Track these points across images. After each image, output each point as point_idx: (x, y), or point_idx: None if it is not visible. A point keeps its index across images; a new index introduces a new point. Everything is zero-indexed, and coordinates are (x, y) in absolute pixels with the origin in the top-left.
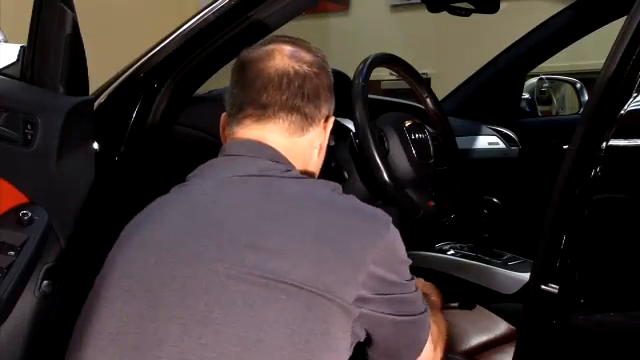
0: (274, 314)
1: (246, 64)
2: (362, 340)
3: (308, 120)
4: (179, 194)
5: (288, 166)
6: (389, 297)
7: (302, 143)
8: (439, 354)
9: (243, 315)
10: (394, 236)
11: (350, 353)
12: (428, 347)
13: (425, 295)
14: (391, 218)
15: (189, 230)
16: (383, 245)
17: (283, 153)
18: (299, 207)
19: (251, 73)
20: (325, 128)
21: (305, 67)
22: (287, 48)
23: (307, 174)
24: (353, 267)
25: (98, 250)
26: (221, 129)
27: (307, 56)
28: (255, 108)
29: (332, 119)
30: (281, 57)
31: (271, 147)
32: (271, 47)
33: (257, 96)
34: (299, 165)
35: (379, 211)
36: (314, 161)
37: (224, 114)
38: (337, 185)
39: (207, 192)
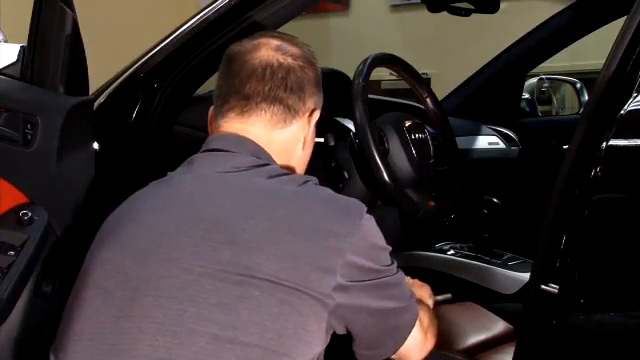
0: (247, 312)
1: (232, 56)
2: (341, 333)
3: (291, 112)
4: (157, 191)
5: (269, 161)
6: (366, 283)
7: (285, 136)
8: (430, 342)
9: (217, 313)
10: (369, 224)
11: (324, 345)
12: (417, 335)
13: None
14: (365, 207)
15: (166, 229)
16: (359, 234)
17: (265, 147)
18: (273, 201)
19: (236, 65)
20: (310, 122)
21: (290, 60)
22: (274, 42)
23: (290, 168)
24: (329, 257)
25: None
26: (209, 123)
27: (293, 49)
28: (238, 99)
29: (317, 113)
30: (266, 49)
31: (253, 142)
32: (258, 41)
33: (240, 87)
34: (282, 159)
35: (352, 200)
36: (298, 155)
37: (212, 107)
38: (312, 178)
39: (186, 189)
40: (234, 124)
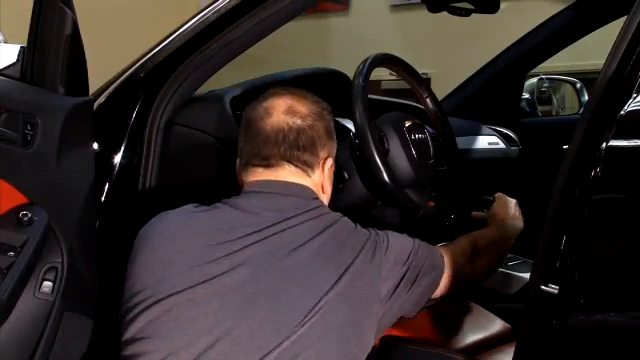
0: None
1: (249, 122)
2: (381, 331)
3: (309, 165)
4: (242, 211)
5: (317, 201)
6: (402, 277)
7: (309, 183)
8: (467, 261)
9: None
10: (384, 237)
11: None
12: (451, 266)
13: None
14: (376, 229)
15: (274, 251)
16: (384, 248)
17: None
18: (335, 239)
19: (252, 131)
20: (323, 170)
21: (299, 121)
22: (284, 103)
23: None
24: (374, 277)
25: (98, 250)
26: (237, 173)
27: (302, 109)
28: (259, 160)
29: (330, 160)
30: (277, 114)
31: (297, 184)
32: (269, 103)
33: (258, 151)
34: None
35: (366, 229)
36: (322, 197)
37: (238, 160)
38: (339, 214)
39: (278, 225)
40: (266, 176)
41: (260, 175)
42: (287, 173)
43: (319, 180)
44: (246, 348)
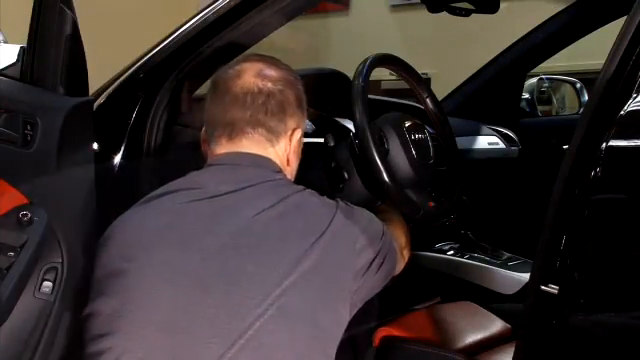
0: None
1: (217, 83)
2: (356, 306)
3: (274, 133)
4: (195, 196)
5: (280, 174)
6: (376, 255)
7: (272, 155)
8: (406, 250)
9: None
10: (357, 210)
11: None
12: (399, 254)
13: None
14: (345, 202)
15: (226, 231)
16: (358, 221)
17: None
18: (304, 210)
19: (220, 92)
20: (291, 141)
21: (269, 84)
22: (255, 67)
23: None
24: (348, 250)
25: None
26: (202, 141)
27: (273, 73)
28: (224, 126)
29: (298, 132)
30: (248, 76)
31: (259, 156)
32: (241, 66)
33: (224, 114)
34: None
35: (334, 199)
36: (286, 169)
37: (204, 128)
38: (302, 186)
39: (230, 197)
40: (228, 148)
41: (223, 147)
42: (250, 143)
43: (284, 151)
44: (203, 340)
